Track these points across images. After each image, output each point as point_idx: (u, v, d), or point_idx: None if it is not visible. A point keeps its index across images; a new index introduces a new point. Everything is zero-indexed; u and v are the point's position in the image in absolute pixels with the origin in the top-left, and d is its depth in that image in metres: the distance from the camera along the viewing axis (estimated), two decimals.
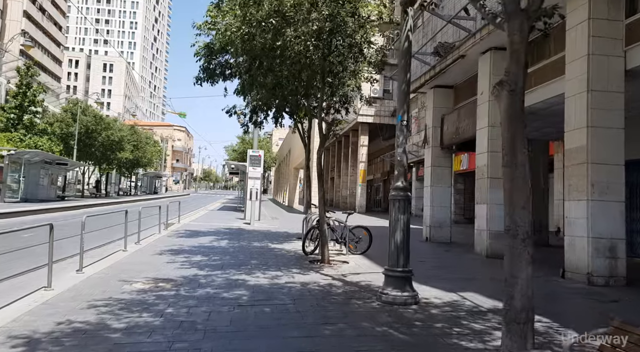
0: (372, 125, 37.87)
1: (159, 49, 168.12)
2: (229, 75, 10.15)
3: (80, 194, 41.49)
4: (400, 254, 6.19)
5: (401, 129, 6.45)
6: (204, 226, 17.23)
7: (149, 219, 15.38)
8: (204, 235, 14.25)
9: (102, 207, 29.45)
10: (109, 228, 12.54)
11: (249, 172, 21.04)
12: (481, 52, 11.49)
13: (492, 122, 11.03)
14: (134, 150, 48.35)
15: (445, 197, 14.21)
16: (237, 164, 29.69)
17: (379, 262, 9.71)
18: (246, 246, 11.99)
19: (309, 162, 14.46)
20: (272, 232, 16.45)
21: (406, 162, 6.47)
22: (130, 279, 7.21)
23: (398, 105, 6.60)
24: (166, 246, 11.36)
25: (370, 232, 10.80)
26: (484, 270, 9.74)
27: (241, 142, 53.13)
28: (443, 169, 14.28)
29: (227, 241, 12.82)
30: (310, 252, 10.35)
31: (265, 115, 14.84)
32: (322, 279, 7.72)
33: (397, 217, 6.26)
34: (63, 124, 39.34)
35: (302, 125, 14.81)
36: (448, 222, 14.22)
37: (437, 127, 14.32)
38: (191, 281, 7.20)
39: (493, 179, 10.91)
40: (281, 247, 11.81)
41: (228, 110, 14.40)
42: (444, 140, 14.20)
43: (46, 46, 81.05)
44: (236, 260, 9.46)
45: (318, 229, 10.35)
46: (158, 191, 71.78)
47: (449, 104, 14.40)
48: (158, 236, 13.65)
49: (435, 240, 14.04)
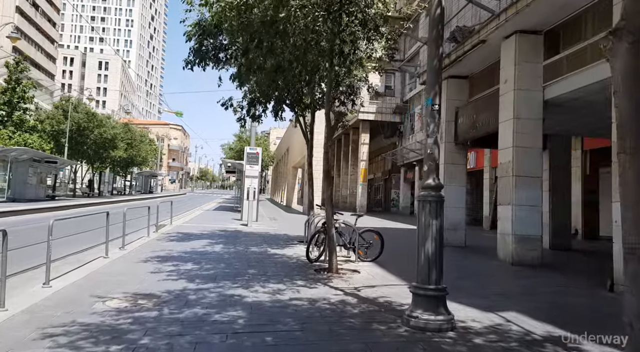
0: (373, 122, 36.74)
1: (155, 48, 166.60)
2: (223, 60, 8.95)
3: (72, 193, 40.20)
4: (433, 268, 5.04)
5: (432, 115, 5.30)
6: (198, 228, 16.05)
7: (139, 221, 14.24)
8: (196, 238, 13.08)
9: (92, 207, 28.22)
10: (92, 231, 11.35)
11: (246, 171, 19.88)
12: (505, 36, 10.35)
13: (518, 113, 9.90)
14: (127, 148, 47.06)
15: (460, 198, 13.07)
16: (233, 163, 28.51)
17: (394, 271, 8.56)
18: (243, 251, 10.82)
19: (311, 159, 13.32)
20: (271, 234, 15.28)
21: (437, 154, 5.32)
22: (105, 294, 6.04)
23: (428, 86, 5.44)
24: (154, 251, 10.18)
25: (382, 236, 9.64)
26: (516, 282, 8.56)
27: (238, 140, 51.92)
28: (457, 167, 13.13)
29: (221, 246, 11.64)
30: (315, 259, 9.20)
31: (263, 108, 13.70)
32: (333, 294, 6.56)
33: (427, 222, 5.11)
34: (54, 121, 38.08)
35: (304, 119, 13.67)
36: (463, 224, 13.08)
37: (451, 122, 13.18)
38: (177, 298, 6.03)
39: (519, 177, 9.77)
40: (282, 253, 10.65)
41: (224, 102, 13.26)
42: (459, 136, 13.06)
43: (39, 43, 79.59)
44: (231, 269, 8.30)
45: (324, 234, 9.21)
46: (153, 190, 70.44)
47: (464, 96, 13.26)
48: (146, 239, 12.47)
49: (449, 244, 12.85)
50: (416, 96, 33.69)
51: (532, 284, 8.28)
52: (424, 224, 5.13)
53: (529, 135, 9.88)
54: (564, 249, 12.89)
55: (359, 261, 9.35)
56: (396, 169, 38.44)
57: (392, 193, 39.65)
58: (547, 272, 9.31)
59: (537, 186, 9.87)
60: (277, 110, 13.48)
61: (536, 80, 9.97)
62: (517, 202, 9.70)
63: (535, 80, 9.97)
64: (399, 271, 8.53)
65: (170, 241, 12.26)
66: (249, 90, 13.39)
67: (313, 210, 13.07)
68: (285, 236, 14.76)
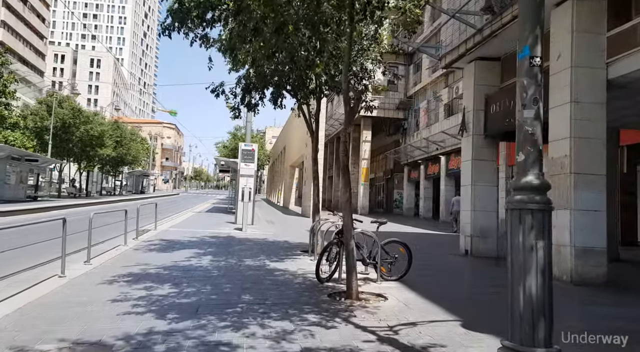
0: (375, 119, 34.85)
1: (149, 45, 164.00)
2: (210, 21, 6.99)
3: (56, 194, 38.05)
4: (540, 318, 3.12)
5: (531, 73, 3.35)
6: (186, 234, 14.07)
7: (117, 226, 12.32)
8: (182, 247, 11.12)
9: (73, 209, 26.19)
10: (53, 241, 9.39)
11: (240, 169, 17.94)
12: (555, 3, 8.47)
13: (577, 96, 8.01)
14: (117, 146, 44.96)
15: (491, 199, 11.19)
16: (227, 161, 26.52)
17: (430, 296, 6.64)
18: (236, 265, 8.87)
19: (316, 154, 11.41)
20: (268, 241, 13.35)
21: (540, 136, 3.37)
22: (28, 345, 4.10)
23: (524, 27, 3.43)
24: (126, 266, 8.23)
25: (410, 249, 7.72)
26: (600, 311, 6.54)
27: (233, 137, 49.83)
28: (486, 163, 11.23)
29: (210, 257, 9.69)
30: (327, 278, 7.28)
31: (260, 95, 11.80)
32: (362, 340, 4.61)
33: (529, 244, 3.19)
34: (37, 117, 35.96)
35: (308, 107, 11.75)
36: (494, 230, 11.19)
37: (480, 111, 11.27)
38: (136, 351, 4.09)
39: (579, 175, 7.88)
40: (284, 268, 8.69)
41: (214, 89, 11.33)
42: (489, 127, 11.16)
43: (28, 38, 77.16)
44: (220, 294, 6.35)
45: (338, 246, 7.29)
46: (145, 190, 68.25)
47: (495, 81, 11.37)
48: (122, 249, 10.52)
49: (478, 254, 11.01)
50: (421, 91, 31.82)
51: (626, 315, 6.31)
52: (522, 247, 3.20)
53: (591, 123, 7.98)
54: (613, 259, 11.01)
55: (381, 280, 7.44)
56: (399, 168, 36.58)
57: (395, 193, 37.76)
58: (627, 295, 7.43)
59: (601, 186, 7.98)
60: (276, 98, 11.58)
61: (598, 55, 8.09)
62: (577, 206, 7.80)
63: (598, 55, 8.09)
64: (437, 297, 6.62)
65: (150, 251, 10.30)
66: (243, 76, 11.51)
67: (319, 214, 11.15)
68: (285, 244, 12.83)
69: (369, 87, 7.47)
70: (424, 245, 14.03)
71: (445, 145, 27.02)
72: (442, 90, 28.16)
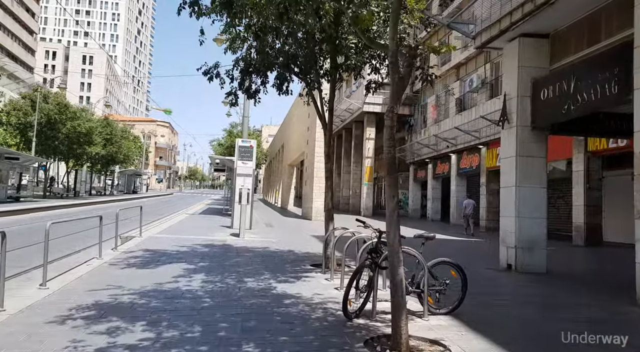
0: (379, 115, 33.01)
1: (143, 43, 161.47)
2: None
3: (41, 194, 35.98)
4: None
5: None
6: (175, 242, 12.17)
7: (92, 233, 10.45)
8: (168, 261, 9.24)
9: (56, 210, 24.26)
10: None
11: (237, 168, 16.05)
12: None
13: None
14: (107, 144, 42.92)
15: (539, 203, 9.34)
16: (222, 159, 24.62)
17: (507, 342, 4.78)
18: (234, 288, 7.00)
19: (330, 148, 9.55)
20: (270, 251, 11.49)
21: None
22: None
23: None
24: (92, 291, 6.36)
25: (463, 271, 5.86)
26: None
27: (228, 135, 47.77)
28: (534, 160, 9.37)
29: (202, 276, 7.80)
30: (357, 313, 5.42)
31: (263, 78, 9.94)
32: None
33: None
34: (20, 112, 33.88)
35: (320, 92, 9.89)
36: (543, 241, 9.36)
37: (526, 97, 9.42)
38: None
39: None
40: (295, 293, 6.81)
41: (207, 70, 9.51)
42: (538, 117, 9.31)
43: (16, 33, 74.88)
44: (212, 343, 4.48)
45: (372, 270, 5.45)
46: (138, 190, 66.16)
47: (542, 62, 9.53)
48: (95, 263, 8.64)
49: (524, 269, 9.16)
50: (427, 87, 29.97)
51: None
52: None
53: None
54: None
55: (429, 314, 5.58)
56: (404, 167, 34.73)
57: (399, 194, 35.95)
58: None
59: None
60: (281, 82, 9.72)
61: None
62: None
63: None
64: (519, 343, 4.77)
65: (128, 267, 8.41)
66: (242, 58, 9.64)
67: (333, 222, 9.29)
68: (290, 255, 10.96)
69: (426, 47, 5.50)
70: (447, 253, 12.18)
71: (457, 143, 25.22)
72: (454, 84, 26.36)
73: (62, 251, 10.02)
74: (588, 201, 16.04)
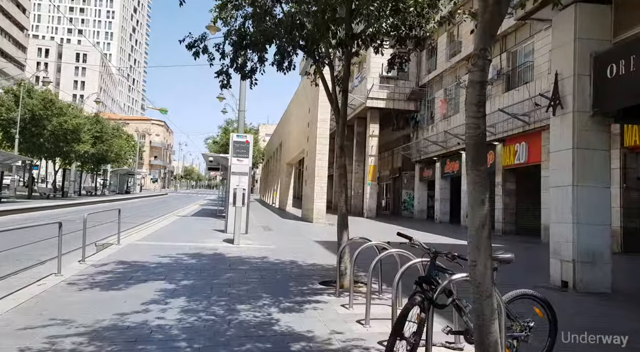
0: (382, 111, 31.25)
1: (138, 41, 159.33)
2: None
3: (26, 194, 34.03)
4: None
5: None
6: (157, 250, 10.34)
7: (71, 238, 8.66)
8: (143, 278, 7.43)
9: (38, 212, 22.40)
10: None
11: (232, 166, 14.27)
12: None
13: None
14: (96, 142, 41.03)
15: (603, 206, 7.57)
16: (216, 156, 22.78)
17: None
18: (222, 323, 5.19)
19: (344, 139, 7.76)
20: (270, 263, 9.68)
21: None
22: None
23: None
24: (26, 330, 4.56)
25: (552, 309, 4.08)
26: None
27: (224, 132, 45.90)
28: (596, 154, 7.61)
29: (182, 302, 5.99)
30: None
31: (260, 54, 8.15)
32: None
33: None
34: (3, 108, 31.99)
35: (332, 69, 8.10)
36: (608, 253, 7.59)
37: (584, 76, 7.65)
38: None
39: None
40: (305, 331, 5.00)
41: (192, 43, 7.75)
42: (600, 101, 7.55)
43: (6, 29, 72.86)
44: None
45: (423, 309, 3.67)
46: (131, 190, 64.25)
47: (604, 34, 7.76)
48: (51, 283, 6.86)
49: (585, 289, 7.38)
50: (436, 79, 28.27)
51: None
52: None
53: None
54: None
55: None
56: (408, 166, 33.02)
57: (404, 194, 34.18)
58: None
59: None
60: (282, 57, 7.92)
61: None
62: None
63: None
64: None
65: (88, 289, 6.60)
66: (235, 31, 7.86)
67: (347, 230, 7.50)
68: (294, 268, 9.17)
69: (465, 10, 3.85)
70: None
71: None
72: (465, 77, 24.60)
73: (16, 264, 8.23)
74: (625, 203, 14.31)
